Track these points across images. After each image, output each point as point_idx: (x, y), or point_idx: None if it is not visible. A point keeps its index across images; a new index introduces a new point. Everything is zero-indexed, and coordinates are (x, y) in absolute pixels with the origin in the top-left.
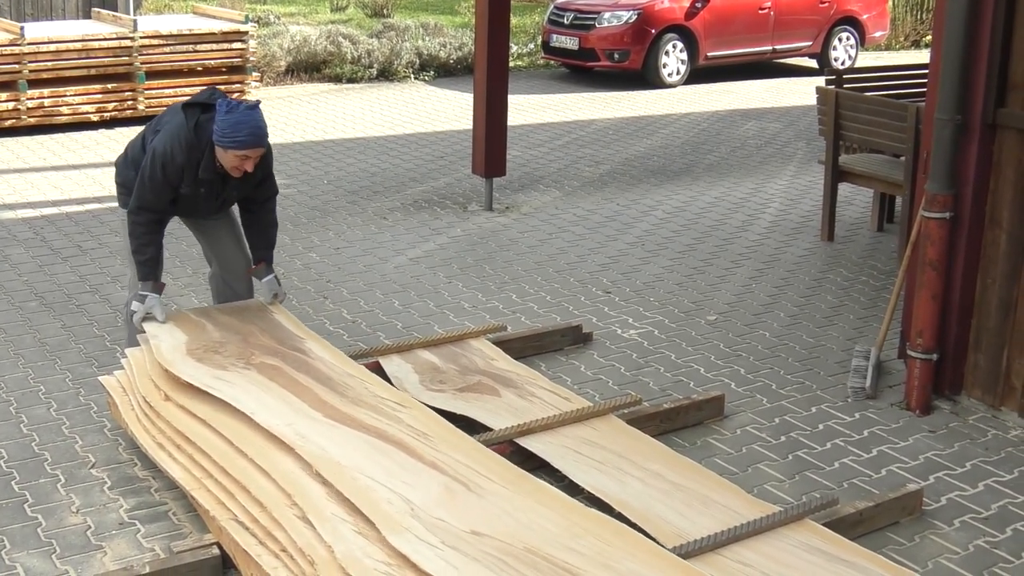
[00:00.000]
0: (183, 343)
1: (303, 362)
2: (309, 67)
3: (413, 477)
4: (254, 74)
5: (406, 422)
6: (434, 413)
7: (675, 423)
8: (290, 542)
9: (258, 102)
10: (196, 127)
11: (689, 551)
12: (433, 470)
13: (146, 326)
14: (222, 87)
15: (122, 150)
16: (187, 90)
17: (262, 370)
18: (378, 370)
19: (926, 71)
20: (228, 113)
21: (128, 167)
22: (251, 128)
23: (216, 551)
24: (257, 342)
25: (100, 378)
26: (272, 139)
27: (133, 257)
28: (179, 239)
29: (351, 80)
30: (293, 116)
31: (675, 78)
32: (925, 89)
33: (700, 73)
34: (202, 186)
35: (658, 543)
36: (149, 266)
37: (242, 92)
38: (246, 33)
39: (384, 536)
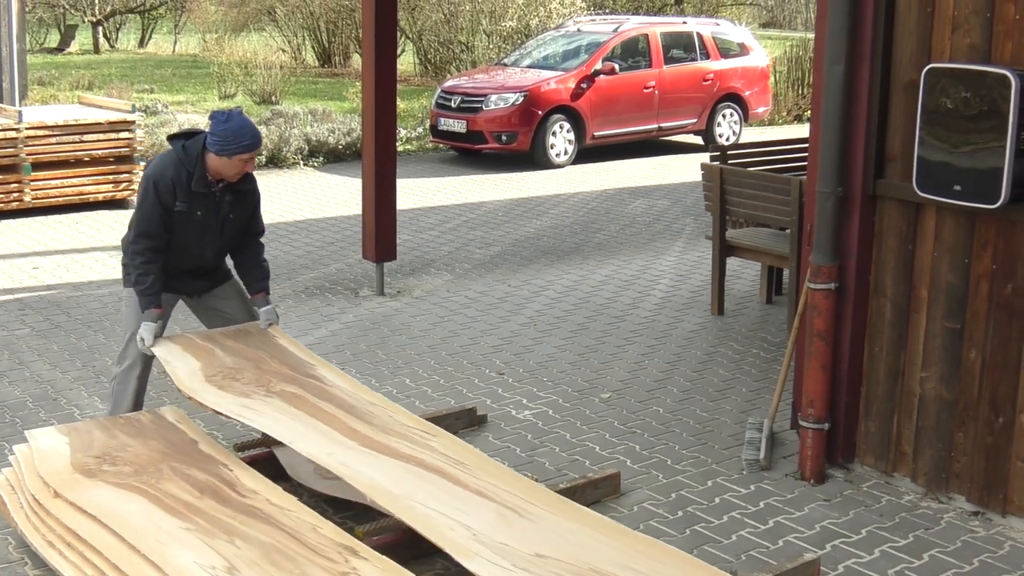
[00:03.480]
0: (198, 369)
1: (322, 390)
2: None
3: (465, 504)
4: (142, 164)
5: (439, 451)
6: (463, 442)
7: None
8: None
9: (241, 108)
10: (183, 148)
11: None
12: (481, 497)
13: (157, 351)
14: (109, 177)
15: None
16: (74, 181)
17: (285, 398)
18: (272, 459)
19: (808, 145)
20: (227, 123)
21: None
22: (252, 133)
23: None
24: (270, 368)
25: None
26: None
27: (135, 289)
28: (69, 332)
29: None
30: None
31: (563, 158)
32: (807, 163)
33: (587, 153)
34: (198, 206)
35: None
36: (149, 295)
37: (130, 181)
38: (133, 122)
39: (458, 561)
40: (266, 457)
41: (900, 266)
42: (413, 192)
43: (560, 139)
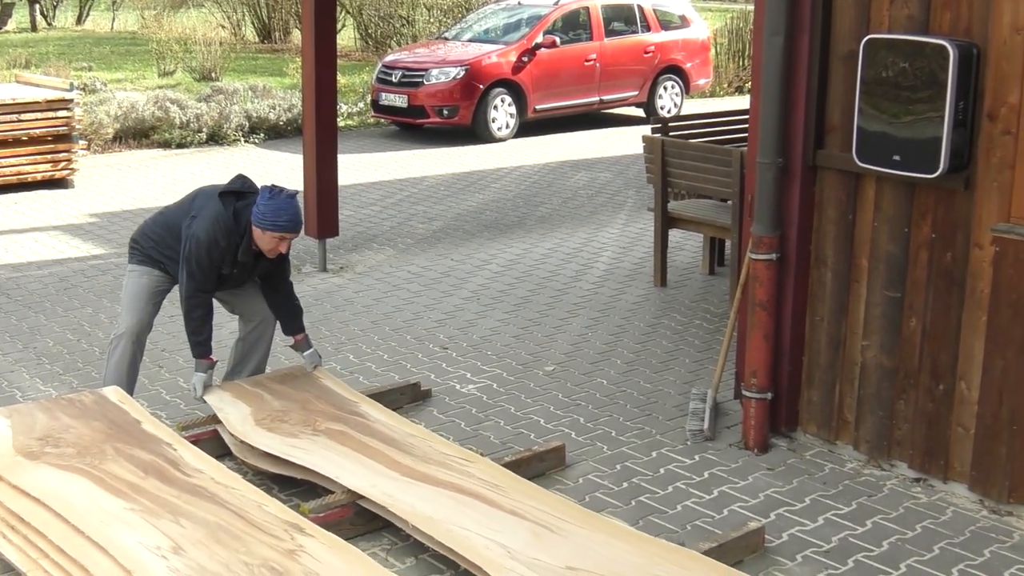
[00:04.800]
0: (248, 414)
1: (365, 426)
2: (137, 133)
3: (499, 524)
4: (80, 142)
5: (476, 476)
6: (499, 466)
7: (519, 475)
8: None
9: (296, 192)
10: (235, 215)
11: None
12: (514, 516)
13: (209, 400)
14: (47, 157)
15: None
16: (12, 161)
17: (331, 435)
18: (217, 438)
19: (748, 116)
20: (271, 199)
21: (161, 230)
22: (292, 215)
23: None
24: (316, 408)
25: None
26: (102, 208)
27: (192, 337)
28: (9, 313)
29: (181, 145)
30: (122, 184)
31: (504, 132)
32: (748, 134)
33: (529, 126)
34: (238, 267)
35: None
36: (204, 345)
37: (69, 161)
38: (71, 101)
39: None
40: (210, 436)
41: (840, 236)
42: (355, 168)
43: (502, 113)
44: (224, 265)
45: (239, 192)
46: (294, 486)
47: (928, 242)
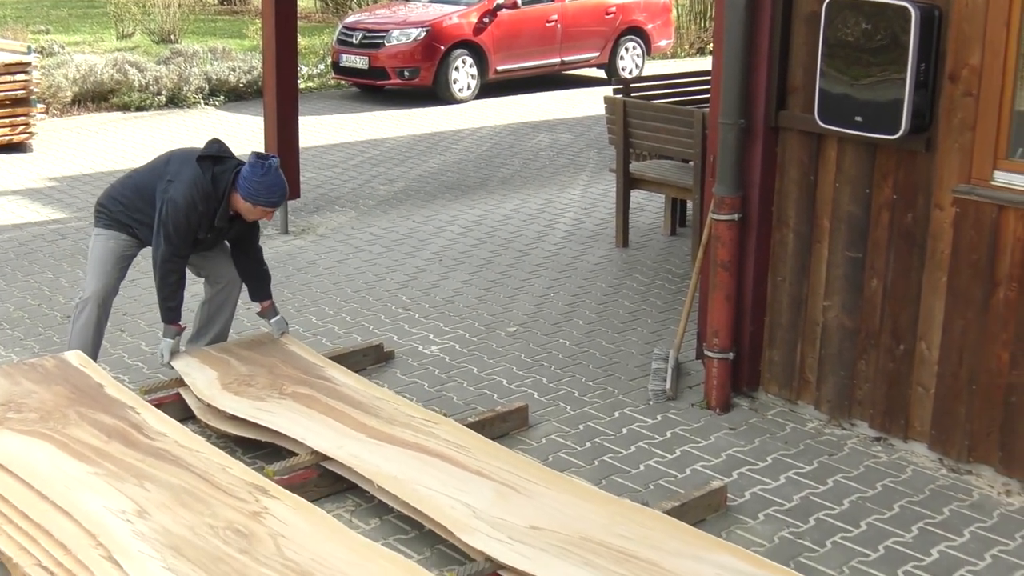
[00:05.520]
0: (215, 378)
1: (332, 389)
2: (96, 96)
3: (464, 484)
4: (39, 106)
5: (441, 437)
6: (464, 427)
7: (482, 435)
8: None
9: (277, 158)
10: (213, 180)
11: None
12: (479, 477)
13: (175, 365)
14: (5, 121)
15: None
16: None
17: (297, 399)
18: (180, 401)
19: (710, 77)
20: (264, 175)
21: (131, 193)
22: (283, 189)
23: None
24: (282, 373)
25: None
26: (61, 172)
27: (164, 303)
28: None
29: (140, 108)
30: (82, 147)
31: (466, 93)
32: (710, 95)
33: (491, 87)
34: (213, 232)
35: None
36: (175, 311)
37: (27, 124)
38: (29, 64)
39: (459, 536)
40: (173, 400)
41: (802, 197)
42: (316, 129)
43: (463, 74)
44: (200, 230)
45: (216, 157)
46: (258, 449)
47: (889, 203)
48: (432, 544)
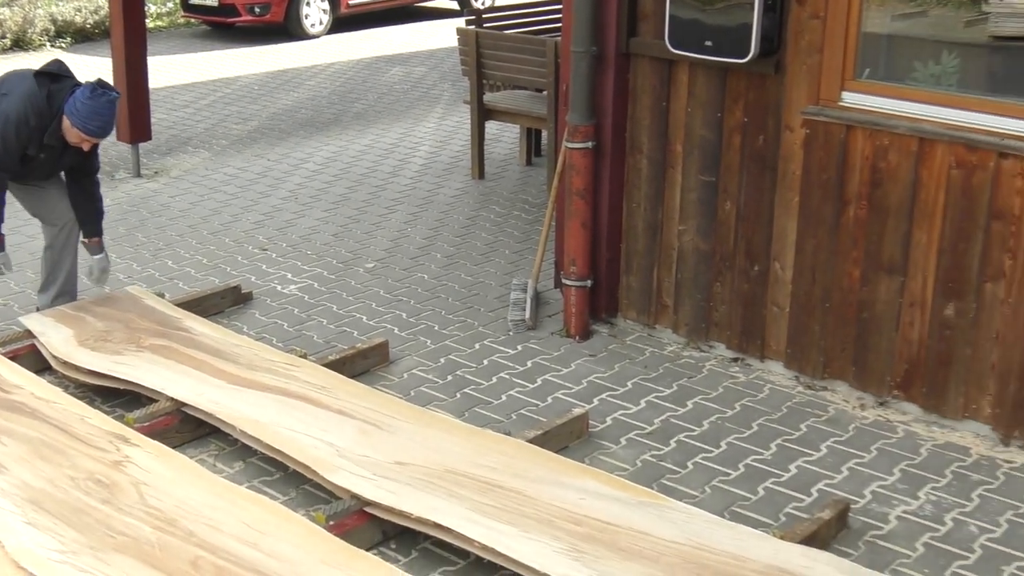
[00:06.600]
0: (71, 336)
1: (190, 339)
2: None
3: (327, 424)
4: None
5: (302, 379)
6: (325, 368)
7: (343, 373)
8: None
9: (118, 94)
10: (48, 96)
11: None
12: (342, 416)
13: (29, 325)
14: None
15: None
16: None
17: (155, 351)
18: (36, 352)
19: (562, 6)
20: (91, 99)
21: None
22: (104, 122)
23: None
24: (140, 326)
25: None
26: None
27: None
28: None
29: None
30: None
31: (318, 28)
32: (561, 24)
33: (343, 22)
34: (44, 151)
35: None
36: None
37: None
38: None
39: (323, 476)
40: (28, 351)
41: (655, 123)
42: (166, 69)
43: (314, 9)
44: (30, 146)
45: (55, 75)
46: (117, 397)
47: (741, 126)
48: (297, 485)
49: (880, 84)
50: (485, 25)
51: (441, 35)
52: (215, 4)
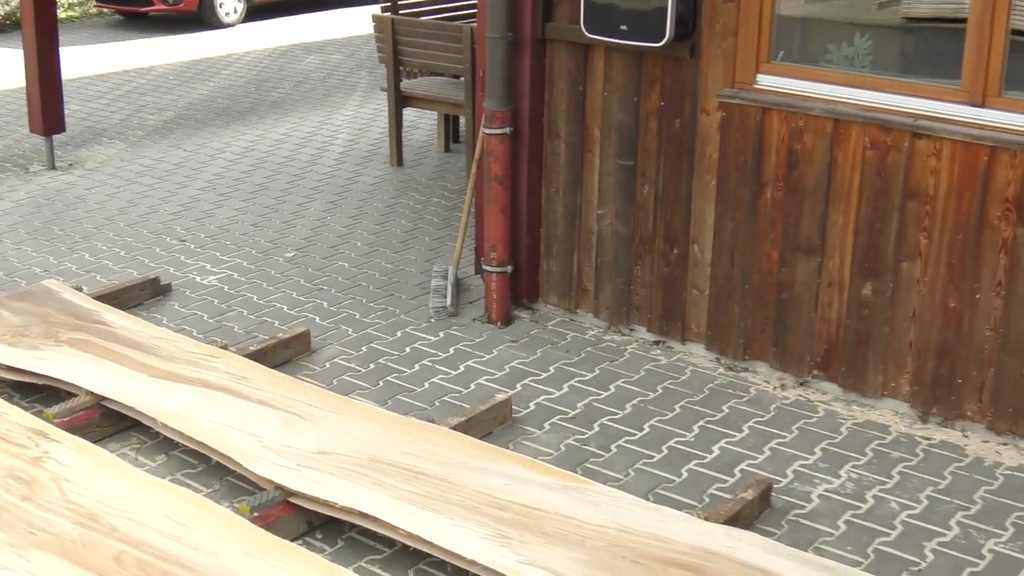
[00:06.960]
0: None
1: (109, 332)
2: None
3: (249, 415)
4: None
5: (223, 370)
6: (246, 359)
7: (264, 364)
8: None
9: None
10: None
11: None
12: (264, 406)
13: None
14: None
15: None
16: None
17: (74, 344)
18: None
19: None
20: None
21: None
22: None
23: None
24: (57, 320)
25: None
26: None
27: None
28: None
29: None
30: None
31: (233, 17)
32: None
33: (258, 10)
34: None
35: None
36: None
37: None
38: None
39: (246, 467)
40: None
41: (572, 107)
42: (79, 60)
43: None
44: None
45: None
46: (36, 392)
47: (657, 110)
48: (221, 477)
49: (795, 67)
50: (401, 12)
51: (357, 22)
52: None
